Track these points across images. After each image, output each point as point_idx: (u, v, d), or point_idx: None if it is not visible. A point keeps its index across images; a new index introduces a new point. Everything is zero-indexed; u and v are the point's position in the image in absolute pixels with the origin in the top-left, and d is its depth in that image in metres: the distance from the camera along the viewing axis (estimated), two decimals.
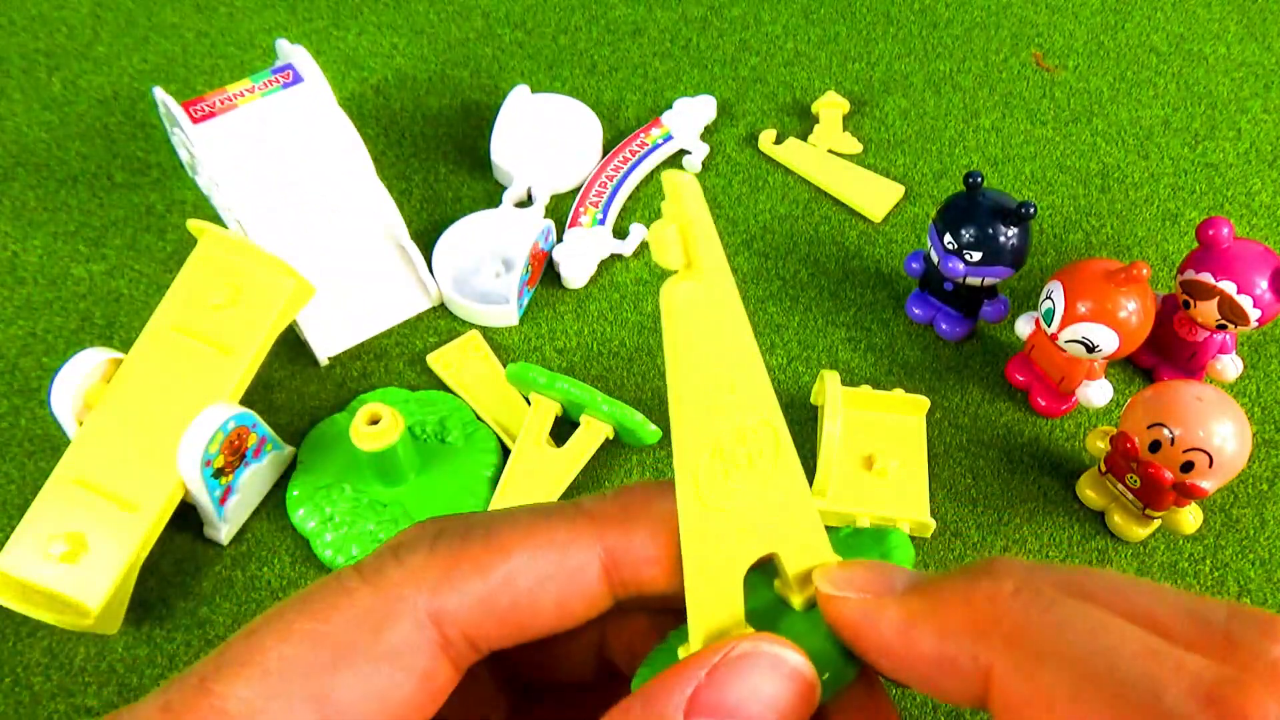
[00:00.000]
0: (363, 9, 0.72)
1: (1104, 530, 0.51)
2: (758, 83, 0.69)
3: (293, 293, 0.48)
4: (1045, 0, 0.75)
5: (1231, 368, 0.54)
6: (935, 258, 0.52)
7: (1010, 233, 0.50)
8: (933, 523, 0.49)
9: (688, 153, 0.64)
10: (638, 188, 0.63)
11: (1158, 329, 0.51)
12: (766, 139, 0.65)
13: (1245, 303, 0.48)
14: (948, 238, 0.51)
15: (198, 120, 0.54)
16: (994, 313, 0.55)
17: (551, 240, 0.58)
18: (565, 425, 0.52)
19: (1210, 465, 0.44)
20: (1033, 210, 0.49)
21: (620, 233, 0.60)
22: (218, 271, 0.49)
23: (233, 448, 0.46)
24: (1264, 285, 0.48)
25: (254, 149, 0.54)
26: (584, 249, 0.58)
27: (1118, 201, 0.64)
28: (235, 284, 0.48)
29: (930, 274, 0.55)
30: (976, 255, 0.51)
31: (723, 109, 0.67)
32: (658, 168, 0.64)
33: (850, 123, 0.67)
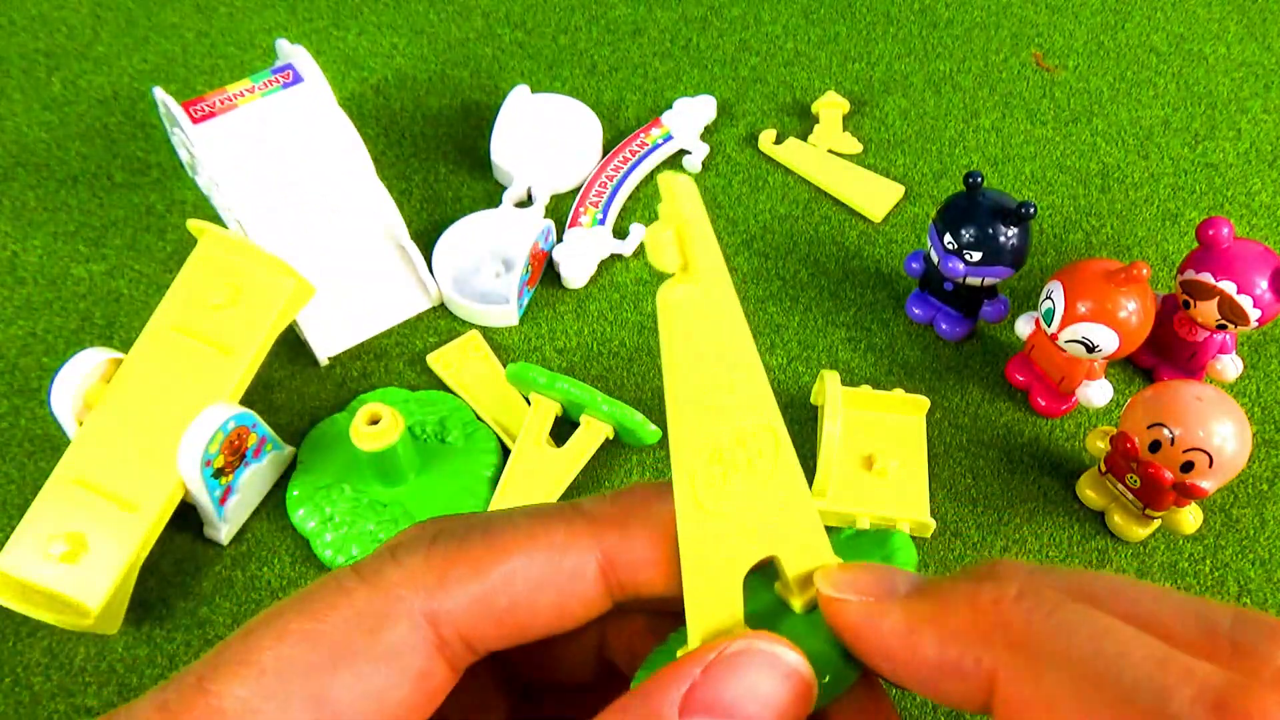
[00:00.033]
0: (363, 9, 0.72)
1: (1104, 530, 0.51)
2: (758, 83, 0.69)
3: (293, 293, 0.48)
4: (1045, 0, 0.75)
5: (1231, 368, 0.54)
6: (935, 258, 0.52)
7: (1010, 233, 0.50)
8: (933, 523, 0.49)
9: (688, 153, 0.64)
10: (638, 188, 0.63)
11: (1158, 329, 0.51)
12: (766, 139, 0.65)
13: (1245, 303, 0.48)
14: (948, 238, 0.51)
15: (198, 120, 0.54)
16: (994, 313, 0.55)
17: (551, 240, 0.58)
18: (565, 425, 0.52)
19: (1210, 465, 0.44)
20: (1033, 210, 0.49)
21: (620, 233, 0.60)
22: (218, 271, 0.49)
23: (233, 448, 0.46)
24: (1264, 285, 0.48)
25: (254, 149, 0.54)
26: (584, 249, 0.58)
27: (1118, 201, 0.64)
28: (235, 284, 0.48)
29: (930, 274, 0.55)
30: (976, 255, 0.51)
31: (723, 109, 0.67)
32: (658, 168, 0.64)
33: (850, 123, 0.67)
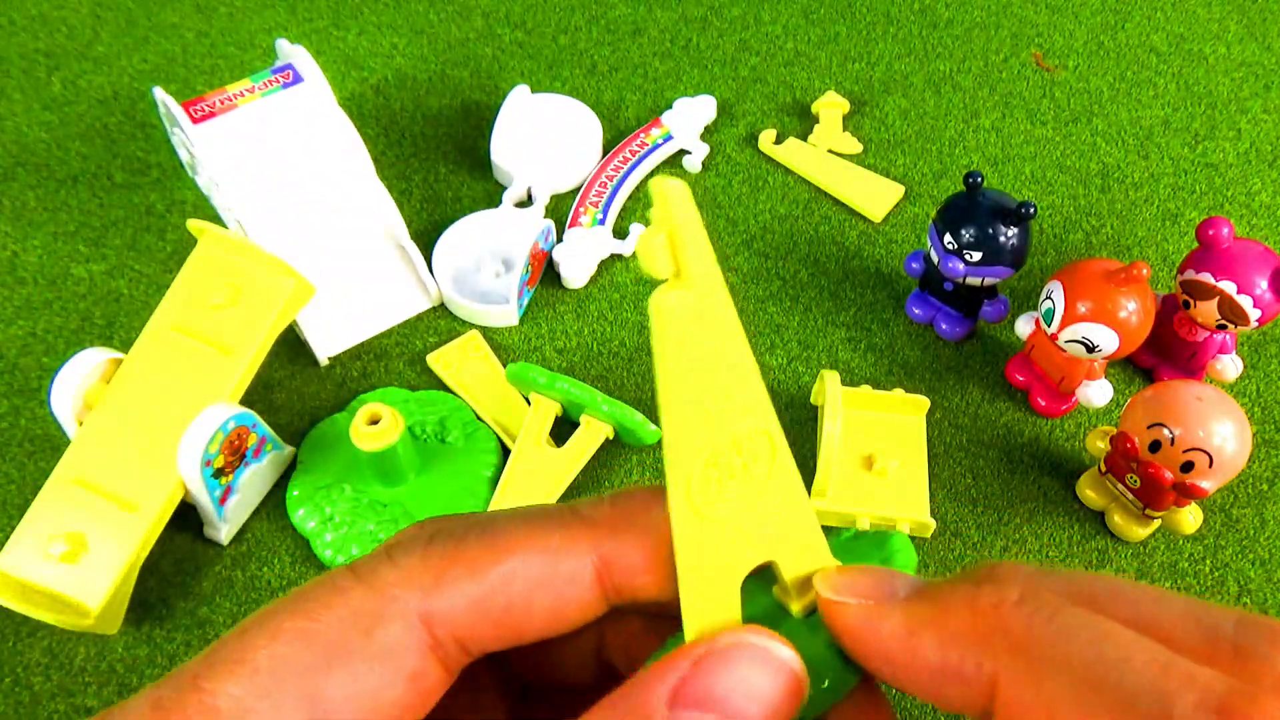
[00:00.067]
0: (363, 9, 0.72)
1: (1104, 530, 0.51)
2: (758, 83, 0.69)
3: (293, 293, 0.48)
4: (1045, 0, 0.75)
5: (1231, 368, 0.54)
6: (935, 258, 0.52)
7: (1010, 233, 0.50)
8: (933, 523, 0.49)
9: (688, 153, 0.64)
10: (638, 188, 0.63)
11: (1158, 329, 0.51)
12: (766, 139, 0.65)
13: (1245, 303, 0.48)
14: (948, 238, 0.51)
15: (198, 120, 0.54)
16: (994, 313, 0.55)
17: (551, 240, 0.58)
18: (565, 425, 0.52)
19: (1210, 465, 0.44)
20: (1033, 210, 0.49)
21: (620, 233, 0.60)
22: (218, 271, 0.48)
23: (233, 448, 0.46)
24: (1264, 285, 0.48)
25: (254, 149, 0.54)
26: (584, 249, 0.58)
27: (1118, 201, 0.64)
28: (235, 284, 0.48)
29: (930, 274, 0.55)
30: (976, 255, 0.51)
31: (723, 109, 0.67)
32: (658, 168, 0.64)
33: (850, 123, 0.67)
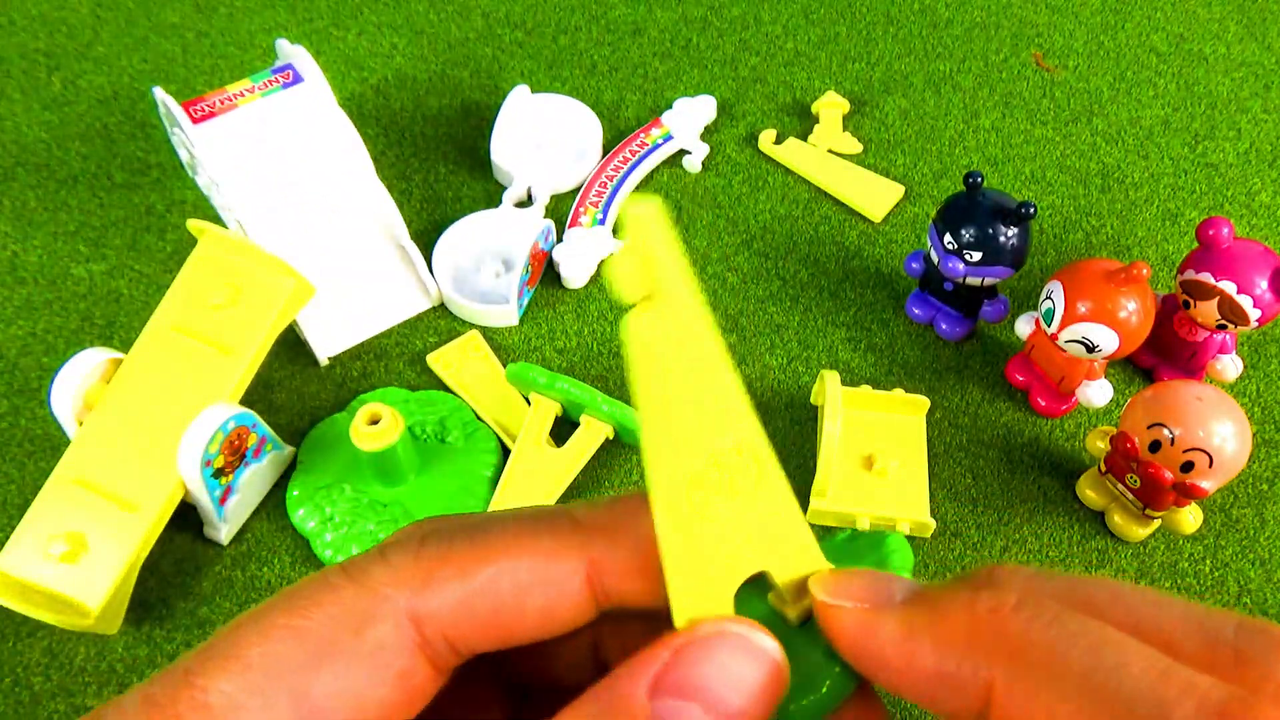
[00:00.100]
0: (363, 9, 0.72)
1: (1104, 530, 0.51)
2: (758, 83, 0.69)
3: (293, 293, 0.48)
4: (1045, 0, 0.75)
5: (1231, 368, 0.54)
6: (935, 258, 0.52)
7: (1010, 233, 0.50)
8: (933, 523, 0.49)
9: (688, 153, 0.64)
10: (638, 188, 0.63)
11: (1158, 329, 0.51)
12: (766, 139, 0.65)
13: (1245, 303, 0.48)
14: (948, 238, 0.51)
15: (198, 120, 0.54)
16: (994, 313, 0.55)
17: (551, 240, 0.58)
18: (565, 425, 0.52)
19: (1210, 465, 0.44)
20: (1033, 210, 0.49)
21: (620, 233, 0.60)
22: (218, 271, 0.49)
23: (233, 448, 0.46)
24: (1264, 285, 0.48)
25: (254, 149, 0.54)
26: (584, 249, 0.58)
27: (1118, 201, 0.64)
28: (235, 284, 0.48)
29: (930, 274, 0.55)
30: (976, 255, 0.51)
31: (723, 109, 0.67)
32: (658, 168, 0.64)
33: (850, 123, 0.67)
